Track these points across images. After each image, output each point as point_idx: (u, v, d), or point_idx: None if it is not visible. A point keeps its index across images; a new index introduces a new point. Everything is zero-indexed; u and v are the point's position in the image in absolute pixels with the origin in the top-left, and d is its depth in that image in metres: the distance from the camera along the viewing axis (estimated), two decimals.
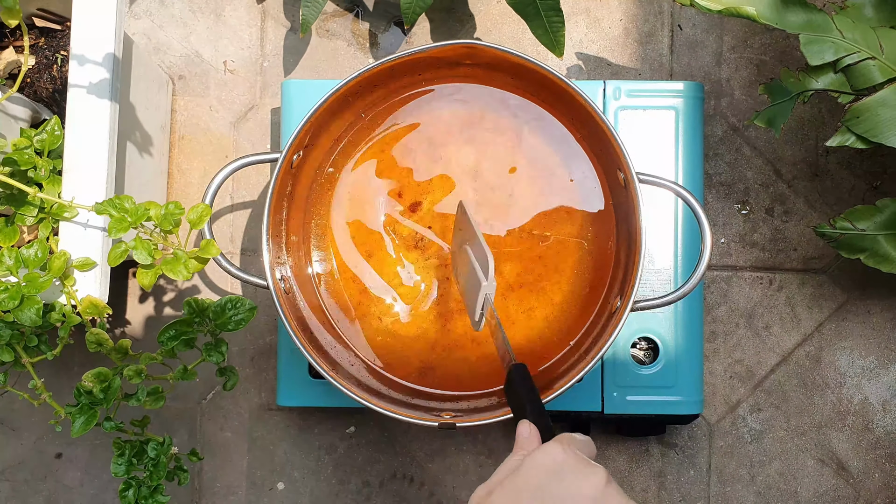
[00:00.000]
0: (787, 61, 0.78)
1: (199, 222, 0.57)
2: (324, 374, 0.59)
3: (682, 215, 0.70)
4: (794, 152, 0.77)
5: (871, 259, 0.68)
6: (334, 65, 0.79)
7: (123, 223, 0.54)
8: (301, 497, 0.76)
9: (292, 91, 0.71)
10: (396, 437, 0.76)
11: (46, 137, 0.58)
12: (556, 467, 0.39)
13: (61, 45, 0.67)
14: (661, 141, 0.70)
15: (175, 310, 0.78)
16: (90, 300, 0.57)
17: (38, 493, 0.77)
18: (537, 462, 0.40)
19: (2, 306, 0.52)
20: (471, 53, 0.63)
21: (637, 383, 0.69)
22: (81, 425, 0.57)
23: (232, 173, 0.63)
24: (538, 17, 0.69)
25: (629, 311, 0.58)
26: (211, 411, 0.77)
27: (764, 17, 0.62)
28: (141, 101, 0.70)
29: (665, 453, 0.76)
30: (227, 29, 0.79)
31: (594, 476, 0.39)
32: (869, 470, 0.76)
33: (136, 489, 0.60)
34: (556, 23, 0.69)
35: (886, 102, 0.63)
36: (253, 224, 0.78)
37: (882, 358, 0.76)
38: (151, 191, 0.74)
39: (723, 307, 0.77)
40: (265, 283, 0.61)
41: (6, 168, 0.57)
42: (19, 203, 0.58)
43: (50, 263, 0.55)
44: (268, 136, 0.79)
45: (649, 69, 0.78)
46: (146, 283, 0.56)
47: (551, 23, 0.69)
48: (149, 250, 0.55)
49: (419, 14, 0.71)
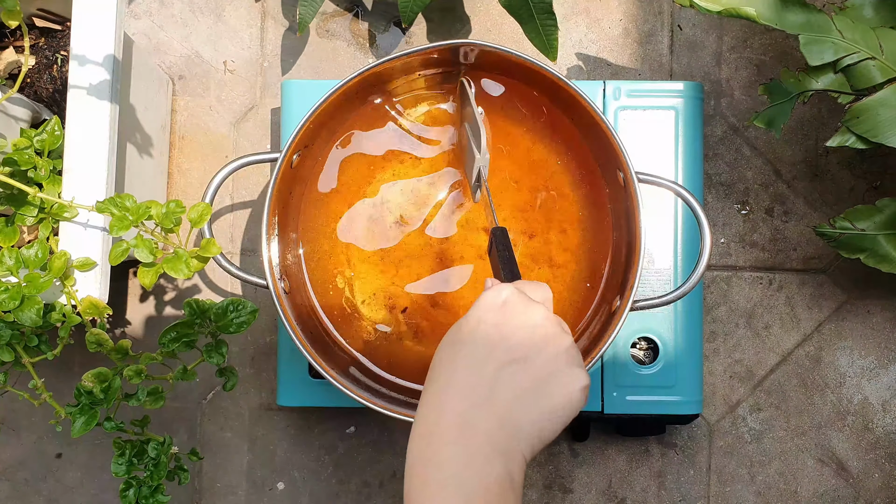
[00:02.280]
0: (787, 62, 0.78)
1: (199, 221, 0.57)
2: (324, 374, 0.59)
3: (682, 215, 0.70)
4: (793, 152, 0.77)
5: (871, 259, 0.68)
6: (334, 65, 0.79)
7: (124, 222, 0.54)
8: (301, 497, 0.76)
9: (292, 91, 0.71)
10: (396, 437, 0.76)
11: (46, 137, 0.58)
12: (500, 302, 0.42)
13: (61, 46, 0.68)
14: (660, 141, 0.70)
15: (175, 310, 0.78)
16: (90, 300, 0.57)
17: (38, 493, 0.77)
18: (485, 299, 0.43)
19: (2, 306, 0.53)
20: (469, 53, 0.63)
21: (637, 383, 0.69)
22: (82, 425, 0.57)
23: (232, 173, 0.63)
24: (532, 20, 0.69)
25: (629, 311, 0.58)
26: (211, 411, 0.77)
27: (763, 17, 0.62)
28: (141, 101, 0.70)
29: (665, 453, 0.76)
30: (227, 29, 0.79)
31: (533, 311, 0.42)
32: (869, 470, 0.76)
33: (136, 489, 0.60)
34: (549, 26, 0.68)
35: (886, 102, 0.63)
36: (253, 224, 0.78)
37: (882, 358, 0.76)
38: (151, 191, 0.74)
39: (723, 307, 0.77)
40: (265, 283, 0.61)
41: (6, 168, 0.57)
42: (19, 203, 0.58)
43: (50, 264, 0.55)
44: (268, 135, 0.79)
45: (649, 69, 0.78)
46: (147, 282, 0.56)
47: (545, 26, 0.68)
48: (150, 248, 0.55)
49: (417, 13, 0.71)
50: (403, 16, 0.71)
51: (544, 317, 0.41)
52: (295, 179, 0.65)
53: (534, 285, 0.45)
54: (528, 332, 0.41)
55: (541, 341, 0.41)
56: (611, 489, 0.76)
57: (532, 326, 0.41)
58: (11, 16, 0.56)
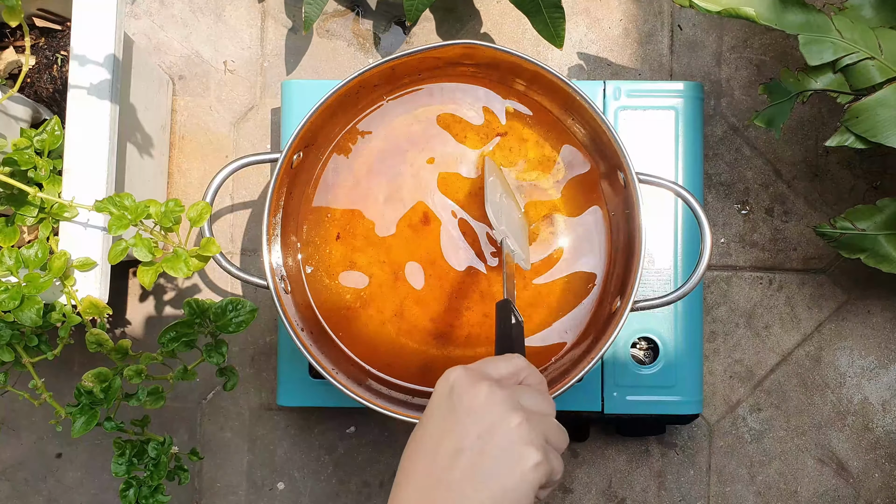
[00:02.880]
0: (787, 61, 0.78)
1: (199, 220, 0.57)
2: (324, 374, 0.59)
3: (682, 215, 0.70)
4: (793, 152, 0.78)
5: (872, 259, 0.68)
6: (334, 65, 0.79)
7: (123, 220, 0.54)
8: (301, 497, 0.76)
9: (292, 91, 0.71)
10: (396, 437, 0.76)
11: (47, 137, 0.58)
12: (448, 390, 0.43)
13: (61, 45, 0.68)
14: (661, 141, 0.70)
15: (175, 309, 0.78)
16: (90, 300, 0.57)
17: (39, 493, 0.77)
18: (437, 388, 0.44)
19: (2, 306, 0.53)
20: (470, 53, 0.63)
21: (637, 383, 0.69)
22: (82, 425, 0.57)
23: (232, 173, 0.63)
24: (539, 13, 0.70)
25: (629, 311, 0.58)
26: (211, 411, 0.77)
27: (763, 17, 0.62)
28: (141, 101, 0.70)
29: (665, 453, 0.76)
30: (228, 29, 0.79)
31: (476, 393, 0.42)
32: (869, 470, 0.76)
33: (136, 489, 0.60)
34: (557, 18, 0.70)
35: (886, 102, 0.63)
36: (253, 224, 0.78)
37: (882, 358, 0.76)
38: (151, 190, 0.75)
39: (723, 307, 0.77)
40: (265, 283, 0.61)
41: (6, 168, 0.57)
42: (20, 203, 0.58)
43: (50, 264, 0.55)
44: (268, 136, 0.79)
45: (649, 69, 0.78)
46: (146, 282, 0.56)
47: (552, 18, 0.70)
48: (149, 247, 0.55)
49: (422, 11, 0.72)
50: (409, 14, 0.72)
51: (486, 398, 0.41)
52: (295, 180, 0.65)
53: (498, 361, 0.45)
54: (474, 417, 0.41)
55: (486, 425, 0.40)
56: (611, 489, 0.76)
57: (477, 410, 0.41)
58: (12, 13, 0.55)
